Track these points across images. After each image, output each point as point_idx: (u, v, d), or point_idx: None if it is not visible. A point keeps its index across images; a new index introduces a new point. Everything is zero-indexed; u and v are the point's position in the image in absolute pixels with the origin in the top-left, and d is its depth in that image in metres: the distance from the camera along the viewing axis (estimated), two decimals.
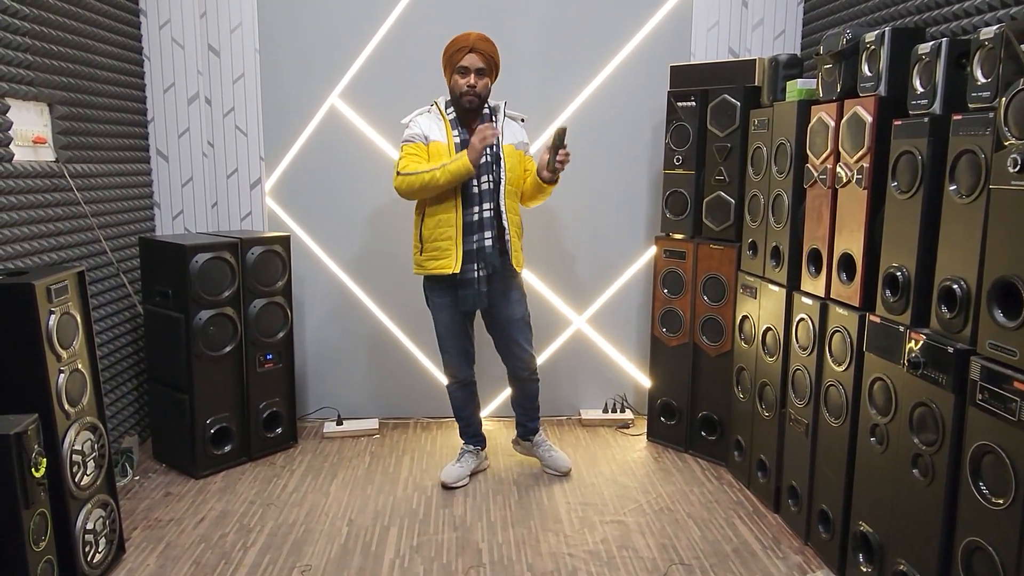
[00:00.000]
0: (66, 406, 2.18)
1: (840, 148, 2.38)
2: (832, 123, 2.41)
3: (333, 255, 3.71)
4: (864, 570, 2.25)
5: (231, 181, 3.60)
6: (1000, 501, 1.70)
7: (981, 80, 1.85)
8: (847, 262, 2.37)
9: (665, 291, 3.40)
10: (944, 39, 2.01)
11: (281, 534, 2.65)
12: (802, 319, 2.57)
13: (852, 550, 2.31)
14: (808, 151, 2.56)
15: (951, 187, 1.91)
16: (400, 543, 2.60)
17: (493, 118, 2.90)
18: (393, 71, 3.53)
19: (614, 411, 3.79)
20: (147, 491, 2.98)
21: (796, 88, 2.69)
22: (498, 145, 2.85)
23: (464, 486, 3.06)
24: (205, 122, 3.55)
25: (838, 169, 2.39)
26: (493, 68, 2.86)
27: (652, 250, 3.53)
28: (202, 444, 3.09)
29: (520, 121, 3.00)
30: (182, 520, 2.74)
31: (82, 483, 2.23)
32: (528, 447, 3.25)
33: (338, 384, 3.79)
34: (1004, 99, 1.70)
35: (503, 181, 2.84)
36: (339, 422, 3.65)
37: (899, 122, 2.12)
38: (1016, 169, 1.65)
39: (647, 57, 3.57)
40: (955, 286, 1.87)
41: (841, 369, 2.36)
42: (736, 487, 3.06)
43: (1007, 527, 1.67)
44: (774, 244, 2.78)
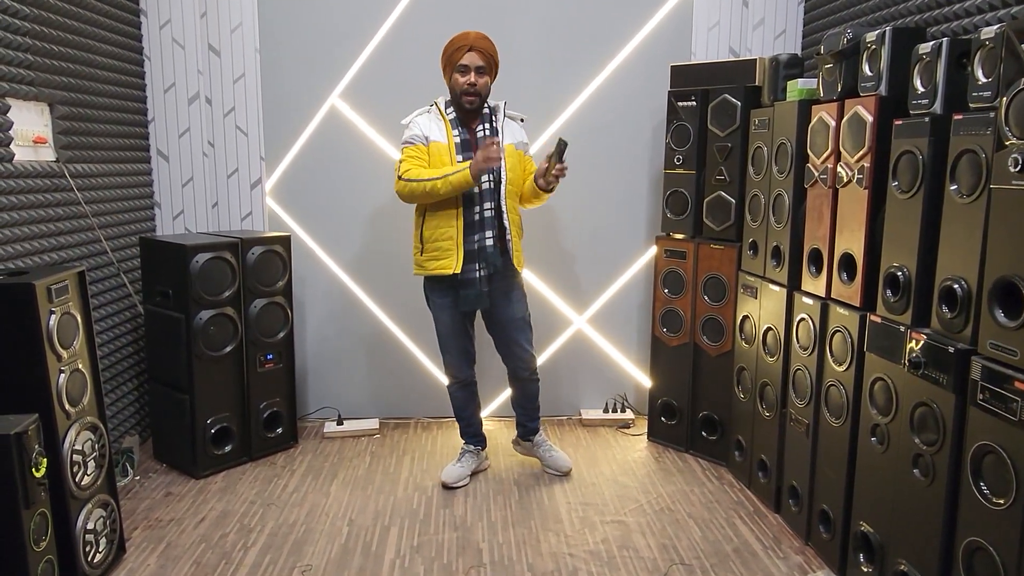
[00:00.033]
0: (67, 406, 2.18)
1: (841, 148, 2.38)
2: (833, 123, 2.41)
3: (333, 255, 3.71)
4: (865, 570, 2.25)
5: (231, 181, 3.60)
6: (1001, 501, 1.69)
7: (982, 80, 1.85)
8: (848, 262, 2.37)
9: (666, 291, 3.40)
10: (945, 39, 2.01)
11: (282, 534, 2.65)
12: (803, 319, 2.57)
13: (853, 550, 2.31)
14: (809, 151, 2.56)
15: (952, 187, 1.91)
16: (400, 543, 2.60)
17: (493, 118, 2.90)
18: (393, 71, 3.53)
19: (615, 411, 3.78)
20: (147, 491, 2.98)
21: (797, 88, 2.69)
22: (499, 145, 2.86)
23: (464, 486, 3.06)
24: (205, 122, 3.55)
25: (839, 169, 2.39)
26: (493, 67, 2.86)
27: (653, 250, 3.53)
28: (202, 444, 3.09)
29: (520, 121, 3.00)
30: (182, 520, 2.74)
31: (82, 483, 2.23)
32: (528, 447, 3.25)
33: (338, 384, 3.79)
34: (1005, 99, 1.70)
35: (504, 181, 2.84)
36: (339, 422, 3.65)
37: (900, 122, 2.12)
38: (1017, 169, 1.65)
39: (647, 57, 3.57)
40: (956, 286, 1.87)
41: (842, 369, 2.36)
42: (737, 487, 3.06)
43: (1008, 527, 1.67)
44: (775, 244, 2.78)
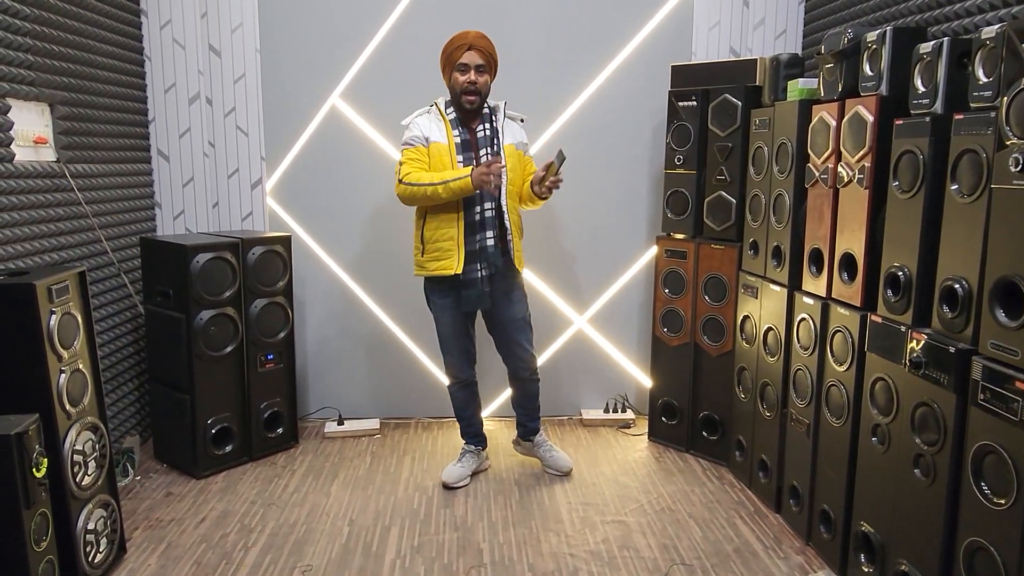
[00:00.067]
0: (67, 406, 2.18)
1: (841, 148, 2.38)
2: (833, 123, 2.41)
3: (334, 255, 3.71)
4: (865, 570, 2.24)
5: (232, 181, 3.60)
6: (1002, 501, 1.69)
7: (983, 79, 1.85)
8: (848, 262, 2.37)
9: (666, 291, 3.40)
10: (946, 38, 2.01)
11: (282, 534, 2.65)
12: (803, 319, 2.57)
13: (853, 550, 2.31)
14: (809, 151, 2.56)
15: (953, 187, 1.91)
16: (401, 543, 2.60)
17: (493, 118, 2.90)
18: (394, 71, 3.53)
19: (615, 411, 3.78)
20: (148, 491, 2.98)
21: (797, 88, 2.69)
22: (499, 145, 2.86)
23: (465, 486, 3.06)
24: (206, 122, 3.55)
25: (839, 169, 2.39)
26: (492, 66, 2.86)
27: (653, 250, 3.52)
28: (203, 444, 3.09)
29: (520, 121, 3.00)
30: (183, 520, 2.74)
31: (83, 483, 2.23)
32: (529, 447, 3.25)
33: (339, 384, 3.79)
34: (1006, 98, 1.69)
35: (505, 181, 2.84)
36: (340, 422, 3.65)
37: (900, 121, 2.12)
38: (1018, 168, 1.65)
39: (648, 57, 3.57)
40: (957, 286, 1.87)
41: (842, 369, 2.35)
42: (737, 487, 3.06)
43: (1009, 527, 1.67)
44: (775, 244, 2.78)
